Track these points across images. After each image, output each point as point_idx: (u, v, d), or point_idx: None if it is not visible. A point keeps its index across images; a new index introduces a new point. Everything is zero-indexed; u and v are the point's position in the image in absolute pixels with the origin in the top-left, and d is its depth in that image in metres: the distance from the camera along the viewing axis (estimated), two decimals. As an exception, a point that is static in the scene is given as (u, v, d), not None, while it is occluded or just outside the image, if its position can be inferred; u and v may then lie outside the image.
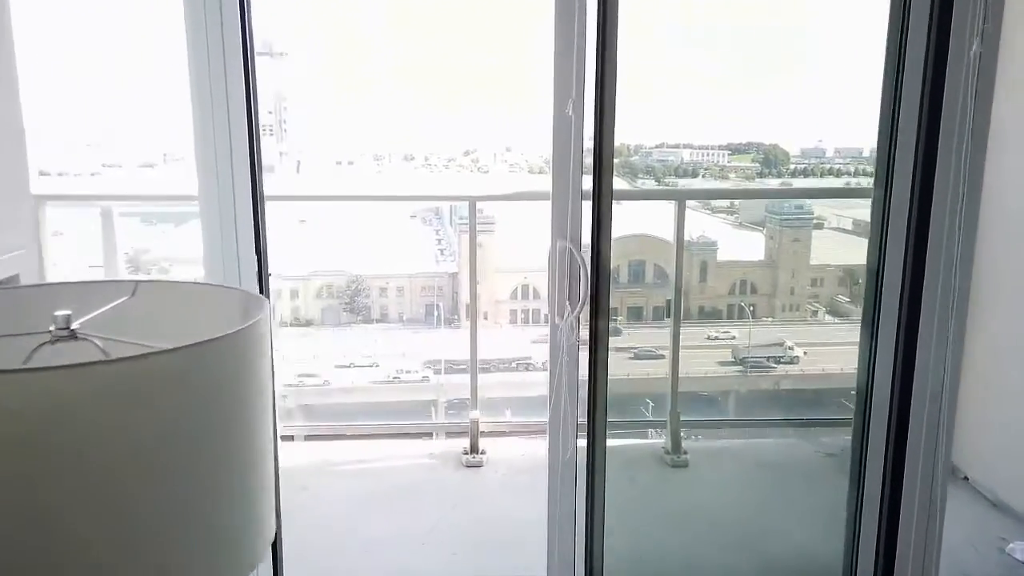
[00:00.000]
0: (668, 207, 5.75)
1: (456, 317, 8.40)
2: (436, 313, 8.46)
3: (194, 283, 1.44)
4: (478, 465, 3.56)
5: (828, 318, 7.88)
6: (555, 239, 2.33)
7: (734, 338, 7.70)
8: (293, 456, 3.59)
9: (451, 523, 3.21)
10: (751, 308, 8.32)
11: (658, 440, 3.61)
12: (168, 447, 1.23)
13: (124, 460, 1.16)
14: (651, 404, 6.02)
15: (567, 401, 2.30)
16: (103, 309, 1.40)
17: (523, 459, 3.59)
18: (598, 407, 2.41)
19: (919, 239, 2.41)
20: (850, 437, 3.74)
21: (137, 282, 1.46)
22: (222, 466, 1.29)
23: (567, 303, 2.32)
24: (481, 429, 3.64)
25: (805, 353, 7.63)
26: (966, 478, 3.47)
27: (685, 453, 3.50)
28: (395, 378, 8.24)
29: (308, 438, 3.94)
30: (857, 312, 8.16)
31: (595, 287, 2.36)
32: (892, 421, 2.57)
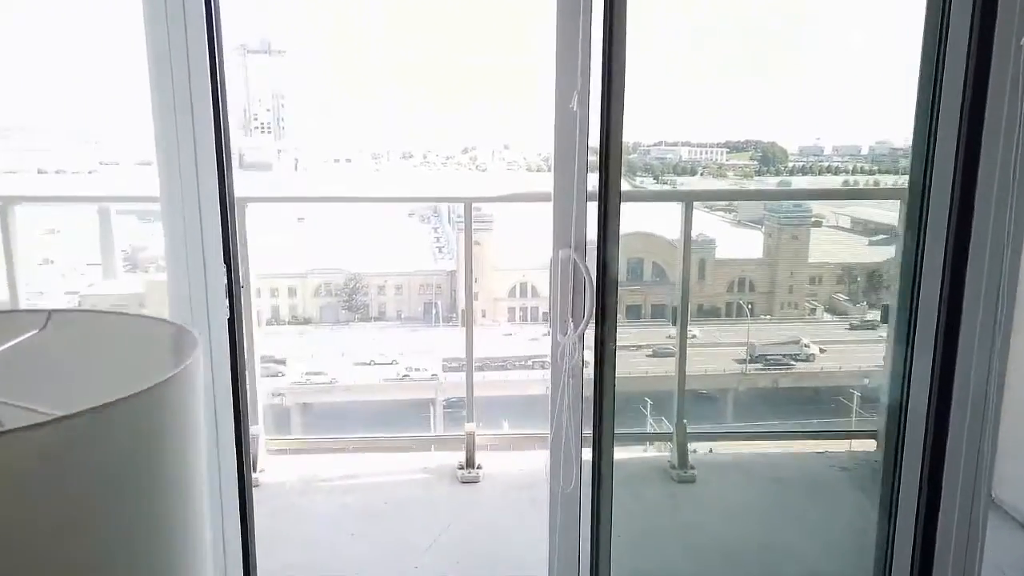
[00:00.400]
0: (665, 204, 5.45)
1: (454, 315, 8.12)
2: (434, 311, 8.17)
3: (119, 314, 1.13)
4: (474, 481, 3.25)
5: (829, 316, 7.60)
6: (557, 247, 2.01)
7: (696, 338, 7.41)
8: (281, 471, 3.29)
9: (445, 544, 2.91)
10: (749, 306, 8.02)
11: (663, 453, 3.31)
12: (71, 535, 0.93)
13: (10, 558, 0.86)
14: (650, 403, 5.72)
15: (570, 427, 1.99)
16: (2, 348, 1.09)
17: (521, 474, 3.28)
18: (604, 435, 2.10)
19: (960, 242, 2.10)
20: (864, 448, 3.46)
21: (50, 312, 1.15)
22: (139, 550, 0.99)
23: (570, 319, 2.01)
24: (477, 442, 3.34)
25: (822, 351, 7.33)
26: (991, 496, 3.17)
27: (692, 468, 3.19)
28: (405, 376, 7.95)
29: (300, 452, 3.64)
30: (857, 310, 7.88)
31: (601, 300, 2.05)
32: (928, 438, 2.26)
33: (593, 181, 2.14)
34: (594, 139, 2.11)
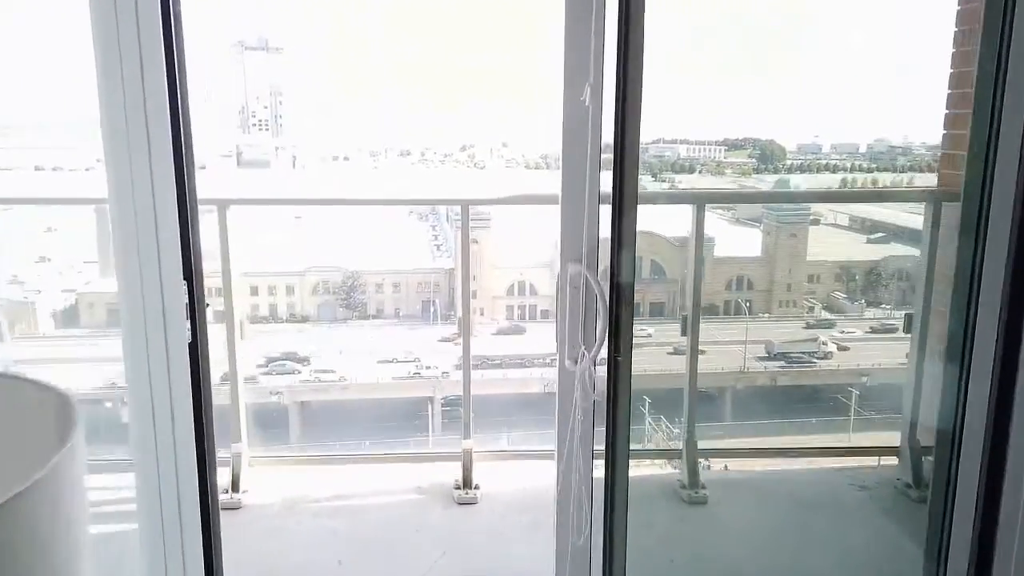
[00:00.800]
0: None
1: (452, 313, 7.81)
2: (432, 309, 7.85)
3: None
4: (471, 502, 2.93)
5: (828, 315, 7.32)
6: (565, 261, 1.68)
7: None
8: (266, 491, 2.97)
9: (440, 574, 2.59)
10: (748, 303, 7.72)
11: (672, 471, 2.99)
12: None
13: None
14: (655, 410, 5.39)
15: (580, 476, 1.66)
16: None
17: (522, 493, 2.96)
18: (618, 482, 1.77)
19: (1022, 249, 1.78)
20: (884, 466, 3.15)
21: None
22: None
23: (581, 343, 1.68)
24: (475, 456, 3.02)
25: (840, 348, 7.00)
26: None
27: (703, 487, 2.87)
28: (415, 374, 7.63)
29: (287, 462, 3.32)
30: (855, 308, 7.56)
31: (615, 321, 1.72)
32: (984, 467, 1.93)
33: (603, 183, 1.81)
34: (604, 137, 1.79)
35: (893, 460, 3.02)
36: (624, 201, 1.79)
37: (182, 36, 1.71)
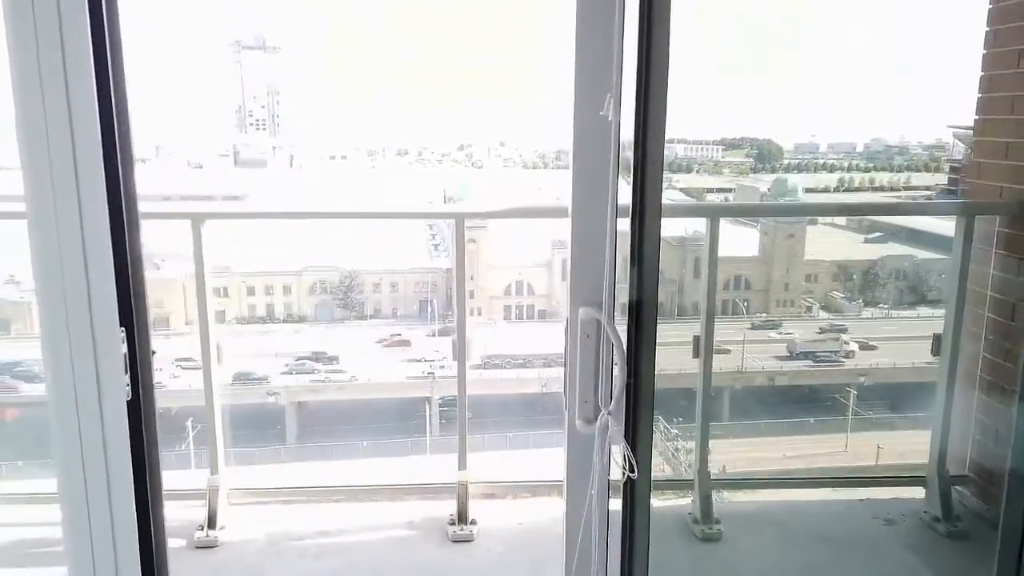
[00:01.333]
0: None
1: (450, 312, 7.48)
2: (430, 309, 7.52)
3: None
4: (467, 539, 2.60)
5: (823, 314, 7.02)
6: (576, 304, 1.33)
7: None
8: (247, 527, 2.63)
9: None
10: (745, 304, 7.41)
11: (683, 501, 2.66)
12: None
13: None
14: (662, 423, 5.06)
15: (597, 562, 1.32)
16: None
17: (522, 529, 2.64)
18: (638, 528, 1.44)
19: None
20: (910, 497, 2.84)
21: None
22: None
23: (600, 404, 1.34)
24: (471, 488, 2.69)
25: (867, 344, 6.67)
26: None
27: (717, 522, 2.55)
28: (429, 373, 7.30)
29: (269, 495, 2.98)
30: (852, 308, 7.23)
31: (635, 373, 1.38)
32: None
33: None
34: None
35: (917, 488, 2.71)
36: (645, 229, 1.45)
37: (116, 11, 1.29)
